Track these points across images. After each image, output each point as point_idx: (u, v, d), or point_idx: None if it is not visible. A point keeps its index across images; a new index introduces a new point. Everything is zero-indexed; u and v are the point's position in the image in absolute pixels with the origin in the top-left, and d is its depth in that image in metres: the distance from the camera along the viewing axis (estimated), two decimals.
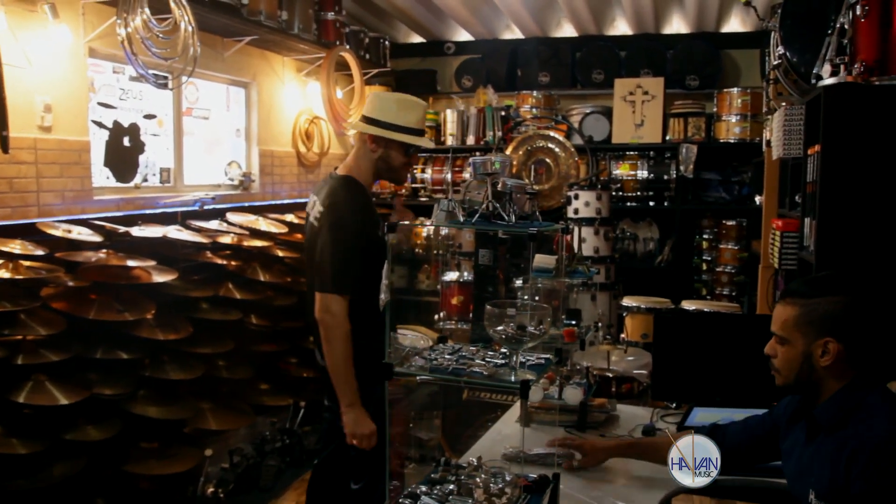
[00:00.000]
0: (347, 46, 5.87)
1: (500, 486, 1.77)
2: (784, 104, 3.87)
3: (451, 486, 1.88)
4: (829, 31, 3.35)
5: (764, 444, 1.97)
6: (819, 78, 3.28)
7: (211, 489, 3.81)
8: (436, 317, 4.79)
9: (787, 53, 3.68)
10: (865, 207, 3.02)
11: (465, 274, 4.87)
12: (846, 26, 3.19)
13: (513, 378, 1.73)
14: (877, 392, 1.67)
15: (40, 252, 3.33)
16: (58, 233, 3.47)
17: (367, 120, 2.66)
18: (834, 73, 3.13)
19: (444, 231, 5.54)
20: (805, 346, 1.70)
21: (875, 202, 3.01)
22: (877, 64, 3.05)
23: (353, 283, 2.53)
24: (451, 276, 4.91)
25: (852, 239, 3.05)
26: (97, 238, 3.63)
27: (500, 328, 1.74)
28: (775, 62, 3.96)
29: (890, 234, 3.01)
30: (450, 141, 6.41)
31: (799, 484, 1.78)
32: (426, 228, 6.21)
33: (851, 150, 3.04)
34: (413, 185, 6.56)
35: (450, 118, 6.47)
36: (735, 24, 6.49)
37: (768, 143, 4.54)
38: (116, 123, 4.09)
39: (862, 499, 1.55)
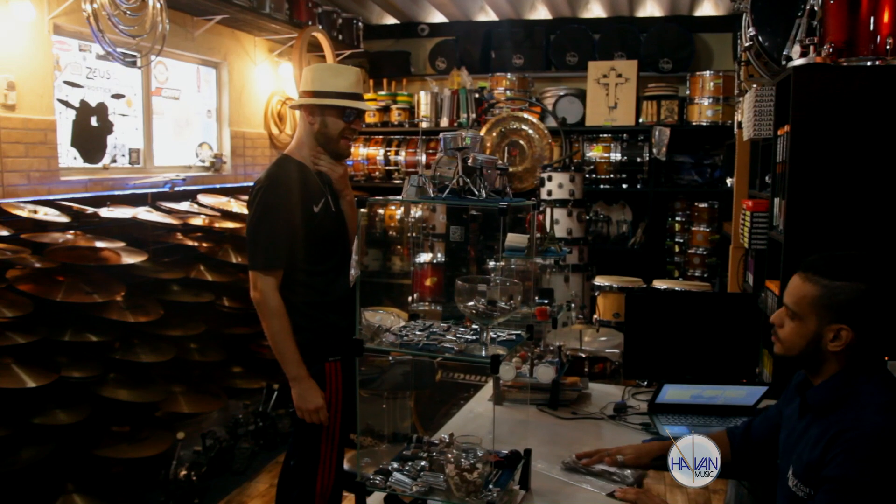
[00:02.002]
0: (320, 27, 5.81)
1: (472, 461, 1.78)
2: (755, 86, 3.90)
3: (423, 463, 1.88)
4: (800, 14, 3.38)
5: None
6: (789, 59, 3.31)
7: (183, 472, 3.78)
8: (409, 298, 4.78)
9: (759, 35, 3.71)
10: (834, 186, 3.07)
11: (439, 255, 4.86)
12: (816, 8, 3.22)
13: (483, 353, 1.73)
14: (875, 380, 1.63)
15: (5, 233, 3.27)
16: (23, 213, 3.41)
17: (302, 94, 2.65)
18: (803, 54, 3.16)
19: (417, 213, 5.53)
20: (817, 327, 1.65)
21: (843, 181, 3.06)
22: (845, 45, 3.09)
23: (278, 259, 2.49)
24: (425, 257, 4.90)
25: (821, 218, 3.09)
26: (64, 219, 3.57)
27: (470, 303, 1.73)
28: (747, 44, 3.99)
29: (858, 213, 3.05)
30: (424, 123, 6.38)
31: (784, 458, 1.77)
32: (399, 210, 6.19)
33: (820, 130, 3.07)
34: (387, 168, 6.53)
35: (423, 100, 6.42)
36: (708, 7, 6.51)
37: (740, 124, 4.58)
38: (84, 103, 4.02)
39: (833, 482, 1.53)
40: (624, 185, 6.32)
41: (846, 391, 1.63)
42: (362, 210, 2.08)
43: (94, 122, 4.07)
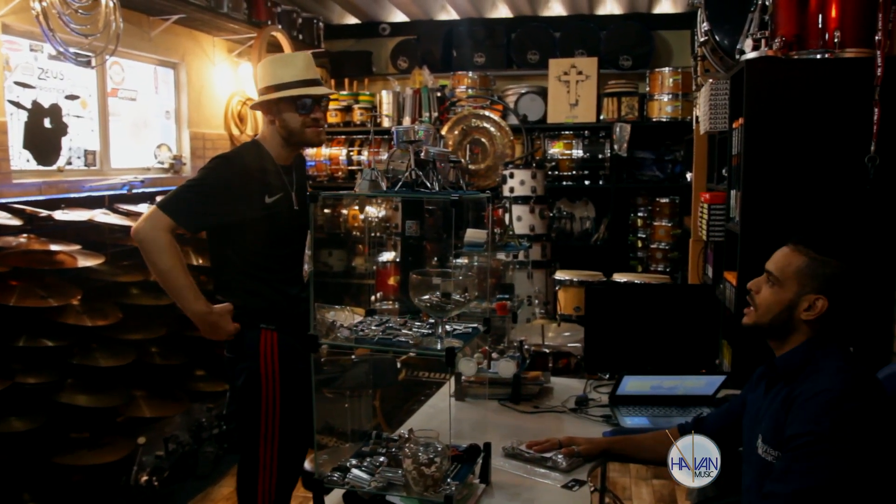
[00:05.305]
0: (279, 26, 5.76)
1: (430, 455, 1.77)
2: (710, 80, 3.95)
3: (382, 459, 1.87)
4: (752, 8, 3.44)
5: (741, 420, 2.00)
6: (742, 53, 3.36)
7: (145, 478, 3.73)
8: (372, 298, 4.75)
9: (713, 30, 3.77)
10: (787, 176, 3.12)
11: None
12: (767, 3, 3.28)
13: (439, 346, 1.73)
14: (835, 350, 1.74)
15: None
16: None
17: (259, 93, 2.58)
18: (756, 48, 3.22)
19: (381, 212, 5.52)
20: (795, 295, 1.75)
21: (796, 171, 3.12)
22: (796, 38, 3.16)
23: (187, 219, 2.47)
24: (388, 256, 4.88)
25: (776, 208, 3.15)
26: (17, 222, 3.49)
27: (425, 297, 1.73)
28: (702, 39, 4.04)
29: (811, 202, 3.11)
30: (386, 122, 6.36)
31: (751, 431, 1.84)
32: (363, 210, 6.16)
33: (773, 122, 3.13)
34: (350, 168, 6.50)
35: (385, 99, 6.41)
36: (666, 5, 6.58)
37: (698, 119, 4.64)
38: (36, 104, 3.93)
39: (794, 440, 1.61)
40: (586, 182, 6.36)
41: (810, 358, 1.74)
42: (325, 210, 2.07)
43: (47, 123, 3.99)
